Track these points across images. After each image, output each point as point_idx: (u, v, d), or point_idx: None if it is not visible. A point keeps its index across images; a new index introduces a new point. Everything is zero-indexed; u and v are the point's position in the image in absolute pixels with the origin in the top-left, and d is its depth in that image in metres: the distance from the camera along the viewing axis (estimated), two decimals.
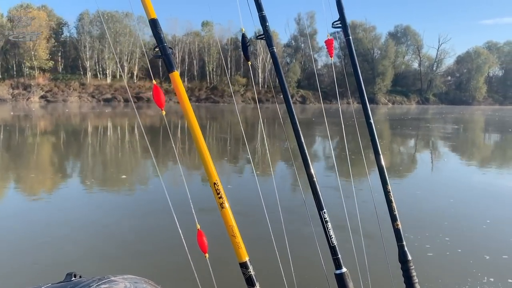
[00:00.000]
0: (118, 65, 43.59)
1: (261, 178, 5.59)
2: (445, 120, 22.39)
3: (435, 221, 3.42)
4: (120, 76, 44.96)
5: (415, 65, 62.57)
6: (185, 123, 15.36)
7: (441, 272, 2.24)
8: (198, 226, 1.05)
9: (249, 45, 1.30)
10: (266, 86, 46.94)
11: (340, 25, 1.39)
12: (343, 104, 42.31)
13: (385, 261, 1.20)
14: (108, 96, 39.84)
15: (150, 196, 4.53)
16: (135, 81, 44.39)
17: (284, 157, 7.63)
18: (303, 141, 1.17)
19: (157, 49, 1.10)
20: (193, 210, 1.11)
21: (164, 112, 1.11)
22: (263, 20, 1.24)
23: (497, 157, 8.68)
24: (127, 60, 44.53)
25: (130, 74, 45.37)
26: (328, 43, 1.39)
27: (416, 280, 1.20)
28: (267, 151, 7.37)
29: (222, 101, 43.76)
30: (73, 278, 0.87)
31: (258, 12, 1.25)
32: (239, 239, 1.06)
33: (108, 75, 43.99)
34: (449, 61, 65.45)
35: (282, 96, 1.28)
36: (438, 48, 61.95)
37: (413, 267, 1.22)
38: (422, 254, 2.43)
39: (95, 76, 43.87)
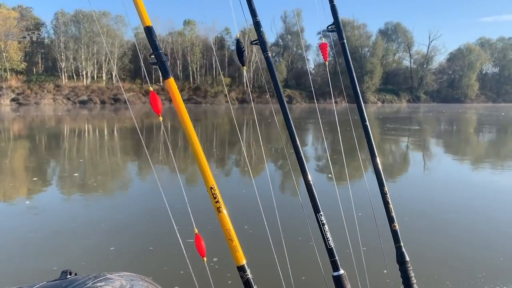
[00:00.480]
0: (110, 65, 44.07)
1: (256, 181, 5.81)
2: (414, 120, 22.34)
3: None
4: (99, 77, 45.42)
5: (407, 63, 64.23)
6: (167, 124, 15.67)
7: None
8: (196, 231, 1.16)
9: (244, 50, 1.43)
10: (251, 86, 48.00)
11: (334, 28, 1.54)
12: (331, 104, 43.53)
13: (383, 262, 1.32)
14: (84, 98, 40.44)
15: (148, 199, 4.81)
16: (114, 82, 44.93)
17: (279, 159, 7.85)
18: (298, 143, 1.29)
19: (152, 56, 1.23)
20: (190, 214, 1.23)
21: (161, 118, 1.24)
22: (257, 25, 1.37)
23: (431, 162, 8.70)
24: (105, 61, 45.08)
25: (109, 76, 45.94)
26: (322, 47, 1.53)
27: (414, 281, 1.30)
28: (263, 153, 7.61)
29: (204, 102, 44.47)
30: (69, 276, 0.93)
31: (252, 18, 1.37)
32: (236, 242, 1.17)
33: (85, 76, 44.38)
34: (440, 58, 67.06)
35: (271, 97, 1.42)
36: (429, 45, 63.39)
37: (411, 268, 1.31)
38: None
39: (72, 77, 44.20)
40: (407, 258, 1.32)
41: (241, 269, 1.14)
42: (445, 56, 66.21)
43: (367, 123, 1.38)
